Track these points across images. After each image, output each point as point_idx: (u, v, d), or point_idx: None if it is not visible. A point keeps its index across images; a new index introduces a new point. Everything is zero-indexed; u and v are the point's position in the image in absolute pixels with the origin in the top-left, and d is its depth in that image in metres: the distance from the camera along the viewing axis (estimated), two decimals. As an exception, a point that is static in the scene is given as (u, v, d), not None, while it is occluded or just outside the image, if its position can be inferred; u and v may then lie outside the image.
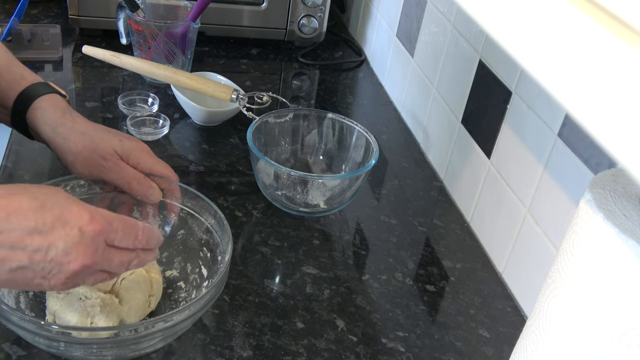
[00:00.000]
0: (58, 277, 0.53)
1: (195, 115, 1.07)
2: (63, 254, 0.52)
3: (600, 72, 0.26)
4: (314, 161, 1.01)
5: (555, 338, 0.52)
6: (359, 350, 0.73)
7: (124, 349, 0.62)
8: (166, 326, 0.61)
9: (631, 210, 0.48)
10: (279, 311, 0.76)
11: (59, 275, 0.53)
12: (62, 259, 0.52)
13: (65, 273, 0.53)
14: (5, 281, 0.52)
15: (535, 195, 0.80)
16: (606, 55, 0.26)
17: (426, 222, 0.96)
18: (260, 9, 1.31)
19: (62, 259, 0.52)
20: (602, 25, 0.26)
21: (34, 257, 0.51)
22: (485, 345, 0.76)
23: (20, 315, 0.59)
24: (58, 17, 1.32)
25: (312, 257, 0.85)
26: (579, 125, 0.28)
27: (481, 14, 0.35)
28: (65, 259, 0.52)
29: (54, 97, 0.76)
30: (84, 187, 0.76)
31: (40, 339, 0.60)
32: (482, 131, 0.93)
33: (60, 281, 0.53)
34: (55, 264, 0.52)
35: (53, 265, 0.52)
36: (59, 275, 0.52)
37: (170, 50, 1.15)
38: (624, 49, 0.25)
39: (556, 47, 0.29)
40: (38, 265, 0.51)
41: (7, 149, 0.94)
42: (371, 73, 1.36)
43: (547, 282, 0.54)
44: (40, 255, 0.51)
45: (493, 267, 0.89)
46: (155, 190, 0.75)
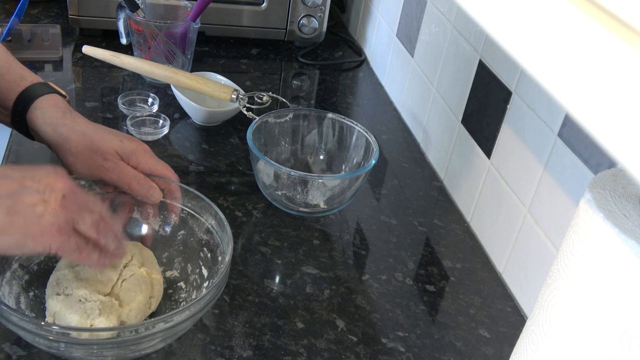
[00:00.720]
0: (55, 198, 0.55)
1: (195, 115, 1.07)
2: (46, 175, 0.56)
3: (600, 72, 0.26)
4: (314, 161, 1.01)
5: (555, 338, 0.52)
6: (359, 350, 0.73)
7: (124, 350, 0.62)
8: (166, 327, 0.61)
9: (631, 210, 0.48)
10: (279, 311, 0.76)
11: (55, 194, 0.55)
12: (47, 179, 0.56)
13: (59, 191, 0.56)
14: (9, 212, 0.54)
15: (535, 195, 0.80)
16: (606, 55, 0.26)
17: (426, 222, 0.96)
18: (260, 9, 1.31)
19: (48, 179, 0.56)
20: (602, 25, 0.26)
21: (24, 182, 0.55)
22: (485, 345, 0.76)
23: (21, 316, 0.59)
24: (58, 17, 1.32)
25: (312, 257, 0.85)
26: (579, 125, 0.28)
27: (481, 14, 0.35)
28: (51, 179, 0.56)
29: (54, 97, 0.76)
30: (84, 188, 0.76)
31: (40, 340, 0.59)
32: (482, 131, 0.93)
33: (59, 203, 0.56)
34: (45, 185, 0.55)
35: (44, 187, 0.55)
36: (54, 194, 0.55)
37: (170, 50, 1.15)
38: (624, 49, 0.25)
39: (556, 47, 0.29)
40: (31, 189, 0.55)
41: (7, 149, 0.94)
42: (371, 73, 1.36)
43: (547, 282, 0.54)
44: (28, 180, 0.55)
45: (493, 267, 0.89)
46: (156, 190, 0.75)
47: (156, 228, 0.79)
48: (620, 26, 0.26)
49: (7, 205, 0.53)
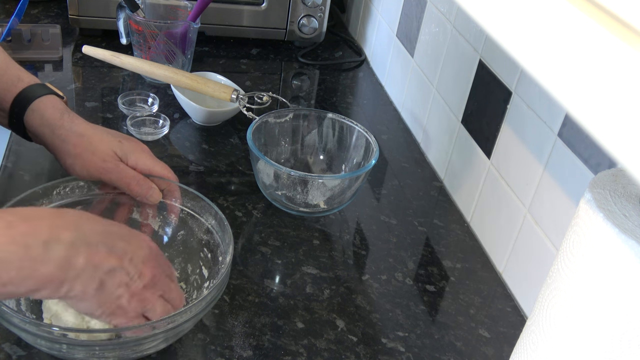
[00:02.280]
0: (137, 284, 0.59)
1: (195, 115, 1.07)
2: (142, 260, 0.59)
3: (600, 72, 0.26)
4: (314, 161, 1.01)
5: (555, 338, 0.52)
6: (359, 350, 0.73)
7: (126, 351, 0.62)
8: (168, 327, 0.61)
9: (631, 210, 0.48)
10: (279, 311, 0.76)
11: (138, 282, 0.59)
12: (140, 266, 0.59)
13: (142, 280, 0.59)
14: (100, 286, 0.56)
15: (535, 195, 0.80)
16: (606, 55, 0.26)
17: (426, 222, 0.96)
18: (260, 9, 1.31)
19: (142, 266, 0.59)
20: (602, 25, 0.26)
21: (123, 260, 0.58)
22: (485, 345, 0.76)
23: (22, 317, 0.59)
24: (58, 17, 1.32)
25: (312, 257, 0.85)
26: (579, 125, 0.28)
27: (481, 14, 0.35)
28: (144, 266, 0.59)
29: (51, 98, 0.75)
30: (83, 189, 0.76)
31: (42, 341, 0.59)
32: (482, 131, 0.93)
33: (138, 290, 0.59)
34: (136, 270, 0.59)
35: (135, 272, 0.58)
36: (138, 282, 0.59)
37: (170, 50, 1.15)
38: (624, 49, 0.25)
39: (556, 47, 0.29)
40: (125, 269, 0.57)
41: (7, 149, 0.94)
42: (371, 73, 1.36)
43: (547, 282, 0.54)
44: (127, 259, 0.58)
45: (493, 267, 0.89)
46: (155, 191, 0.75)
47: (155, 228, 0.79)
48: (620, 26, 0.26)
49: (100, 279, 0.56)
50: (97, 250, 0.56)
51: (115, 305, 0.58)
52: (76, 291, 0.55)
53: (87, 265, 0.54)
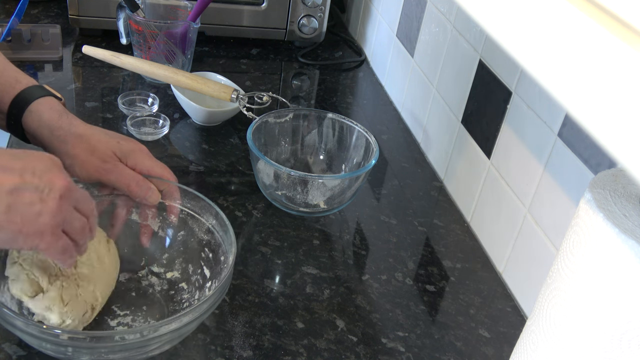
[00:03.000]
0: (53, 197, 0.56)
1: (195, 115, 1.07)
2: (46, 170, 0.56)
3: (600, 72, 0.26)
4: (314, 161, 1.01)
5: (555, 338, 0.52)
6: (359, 350, 0.73)
7: (131, 352, 0.62)
8: (173, 328, 0.61)
9: (631, 210, 0.48)
10: (279, 311, 0.76)
11: (53, 194, 0.56)
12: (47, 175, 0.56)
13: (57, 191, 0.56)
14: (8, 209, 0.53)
15: (535, 195, 0.80)
16: (606, 55, 0.26)
17: (426, 222, 0.96)
18: (260, 9, 1.31)
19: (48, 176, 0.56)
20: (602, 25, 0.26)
21: (24, 176, 0.54)
22: (485, 345, 0.76)
23: (26, 321, 0.59)
24: (58, 17, 1.32)
25: (312, 257, 0.85)
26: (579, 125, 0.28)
27: (481, 14, 0.35)
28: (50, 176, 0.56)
29: (49, 99, 0.75)
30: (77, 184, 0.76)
31: (47, 344, 0.59)
32: (482, 131, 0.93)
33: (56, 203, 0.56)
34: (45, 182, 0.55)
35: (44, 184, 0.55)
36: (52, 194, 0.56)
37: (170, 50, 1.15)
38: (624, 49, 0.25)
39: (556, 47, 0.29)
40: (31, 185, 0.55)
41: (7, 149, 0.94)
42: (371, 73, 1.36)
43: (547, 282, 0.54)
44: (29, 175, 0.55)
45: (493, 267, 0.89)
46: (154, 191, 0.75)
47: (155, 229, 0.79)
48: (620, 26, 0.26)
49: (6, 202, 0.53)
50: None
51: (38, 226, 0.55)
52: None
53: None
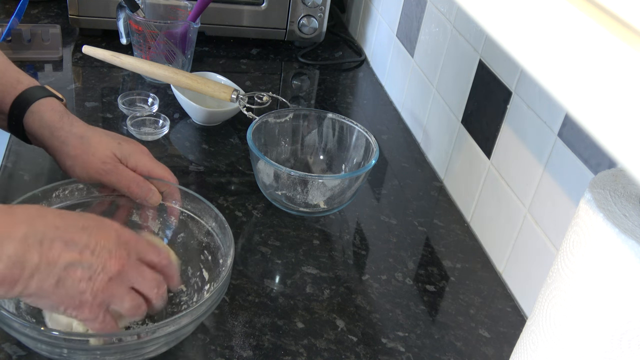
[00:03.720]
0: (101, 277, 0.57)
1: (195, 115, 1.07)
2: (107, 251, 0.57)
3: (600, 72, 0.26)
4: (314, 161, 1.01)
5: (555, 338, 0.52)
6: (359, 350, 0.73)
7: (127, 355, 0.62)
8: (169, 331, 0.61)
9: (631, 210, 0.48)
10: (279, 311, 0.76)
11: (102, 275, 0.57)
12: (105, 257, 0.57)
13: (107, 273, 0.57)
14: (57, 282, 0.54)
15: (535, 195, 0.80)
16: (606, 55, 0.26)
17: (426, 222, 0.96)
18: (260, 9, 1.31)
19: (105, 258, 0.57)
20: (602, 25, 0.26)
21: (83, 253, 0.56)
22: (485, 345, 0.76)
23: (22, 322, 0.59)
24: (58, 17, 1.32)
25: (312, 257, 0.85)
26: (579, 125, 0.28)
27: (481, 14, 0.35)
28: (107, 258, 0.57)
29: (51, 100, 0.75)
30: (82, 191, 0.76)
31: (42, 346, 0.59)
32: (482, 131, 0.93)
33: (103, 284, 0.57)
34: (100, 262, 0.56)
35: (98, 264, 0.56)
36: (102, 275, 0.57)
37: (170, 50, 1.15)
38: (624, 49, 0.25)
39: (556, 47, 0.29)
40: (86, 263, 0.55)
41: (7, 149, 0.94)
42: (371, 73, 1.36)
43: (547, 282, 0.54)
44: (88, 252, 0.56)
45: (493, 267, 0.89)
46: (155, 193, 0.75)
47: (155, 231, 0.79)
48: (620, 26, 0.26)
49: (58, 276, 0.54)
50: (51, 246, 0.54)
51: (78, 300, 0.56)
52: (32, 289, 0.53)
53: (42, 262, 0.53)
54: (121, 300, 0.59)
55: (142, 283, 0.61)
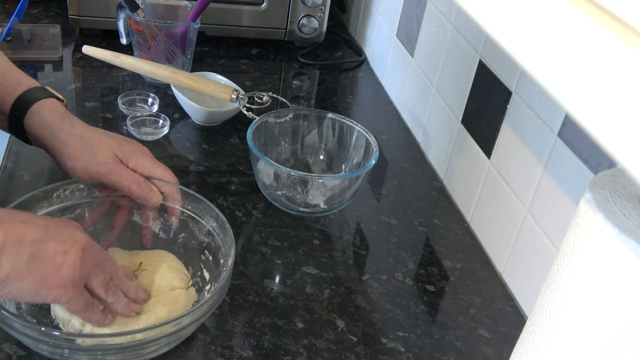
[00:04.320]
0: (75, 250, 0.57)
1: (195, 115, 1.07)
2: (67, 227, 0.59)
3: (600, 72, 0.26)
4: (314, 161, 1.01)
5: (555, 338, 0.52)
6: (359, 350, 0.73)
7: (128, 355, 0.62)
8: (171, 331, 0.61)
9: (631, 210, 0.48)
10: (279, 311, 0.76)
11: (76, 248, 0.57)
12: (70, 230, 0.58)
13: (80, 245, 0.57)
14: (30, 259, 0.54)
15: (535, 195, 0.80)
16: (606, 55, 0.26)
17: (426, 222, 0.96)
18: (260, 9, 1.31)
19: (70, 231, 0.58)
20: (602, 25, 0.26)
21: (48, 230, 0.56)
22: (485, 345, 0.76)
23: (23, 322, 0.59)
24: (58, 17, 1.32)
25: (312, 257, 0.85)
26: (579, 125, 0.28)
27: (481, 14, 0.35)
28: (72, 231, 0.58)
29: (51, 101, 0.75)
30: (83, 191, 0.76)
31: (43, 346, 0.59)
32: (482, 131, 0.93)
33: (78, 256, 0.57)
34: (68, 236, 0.57)
35: (67, 237, 0.57)
36: (75, 248, 0.57)
37: (170, 50, 1.15)
38: (624, 49, 0.25)
39: (556, 47, 0.29)
40: (54, 237, 0.56)
41: (7, 149, 0.94)
42: (371, 73, 1.36)
43: (547, 282, 0.54)
44: (52, 228, 0.57)
45: (493, 267, 0.89)
46: (156, 193, 0.75)
47: (156, 231, 0.79)
48: (620, 26, 0.26)
49: (29, 252, 0.54)
50: (13, 226, 0.54)
51: (59, 277, 0.56)
52: (5, 269, 0.53)
53: (7, 238, 0.53)
54: (95, 274, 0.60)
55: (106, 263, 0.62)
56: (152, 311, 0.67)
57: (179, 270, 0.73)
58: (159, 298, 0.69)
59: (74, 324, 0.65)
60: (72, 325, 0.65)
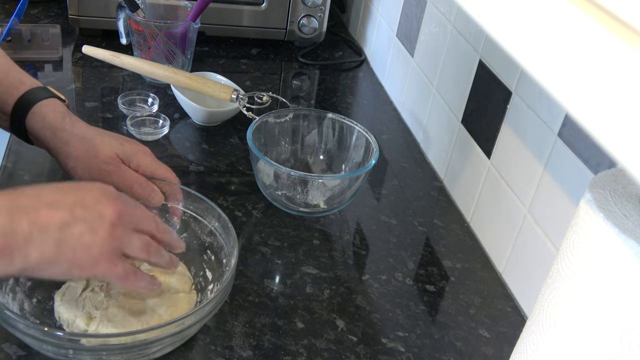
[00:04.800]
0: (103, 227, 0.56)
1: (195, 115, 1.07)
2: (96, 201, 0.57)
3: (600, 72, 0.26)
4: (314, 161, 1.01)
5: (555, 338, 0.52)
6: (359, 350, 0.73)
7: (132, 355, 0.62)
8: (174, 331, 0.61)
9: (631, 210, 0.48)
10: (279, 311, 0.76)
11: (103, 224, 0.56)
12: (98, 206, 0.56)
13: (107, 220, 0.56)
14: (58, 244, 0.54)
15: (535, 195, 0.80)
16: (606, 55, 0.26)
17: (426, 222, 0.96)
18: (260, 9, 1.31)
19: (98, 207, 0.56)
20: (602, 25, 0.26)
21: (74, 210, 0.55)
22: (485, 345, 0.76)
23: (27, 323, 0.59)
24: (58, 17, 1.32)
25: (312, 257, 0.85)
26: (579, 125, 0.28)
27: (481, 14, 0.35)
28: (101, 206, 0.56)
29: (53, 101, 0.75)
30: None
31: (47, 346, 0.59)
32: (482, 131, 0.93)
33: (107, 232, 0.56)
34: (95, 213, 0.56)
35: (94, 215, 0.55)
36: (103, 224, 0.56)
37: (170, 50, 1.15)
38: (624, 49, 0.25)
39: (556, 47, 0.29)
40: (80, 218, 0.55)
41: (7, 149, 0.94)
42: (371, 73, 1.36)
43: (547, 282, 0.54)
44: (78, 208, 0.55)
45: (493, 267, 0.89)
46: (157, 193, 0.75)
47: None
48: (620, 26, 0.26)
49: (56, 237, 0.54)
50: (38, 214, 0.53)
51: (91, 256, 0.55)
52: (34, 257, 0.52)
53: (33, 229, 0.52)
54: (130, 242, 0.58)
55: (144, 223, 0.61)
56: (155, 312, 0.67)
57: (182, 273, 0.74)
58: (162, 300, 0.69)
59: (79, 325, 0.65)
60: (76, 326, 0.65)
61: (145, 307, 0.68)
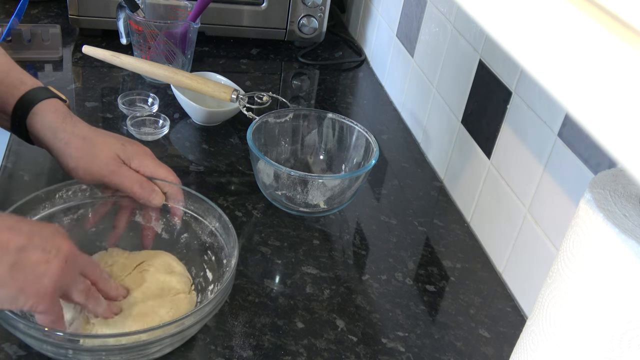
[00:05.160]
0: (57, 260, 0.56)
1: (195, 115, 1.07)
2: (52, 235, 0.58)
3: (600, 72, 0.26)
4: (314, 161, 1.01)
5: (555, 338, 0.52)
6: (359, 350, 0.73)
7: (132, 355, 0.62)
8: (174, 332, 0.61)
9: (631, 210, 0.48)
10: (279, 311, 0.76)
11: (58, 258, 0.57)
12: (54, 239, 0.58)
13: (62, 255, 0.57)
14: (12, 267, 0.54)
15: (535, 195, 0.80)
16: (606, 55, 0.26)
17: (426, 222, 0.96)
18: (260, 9, 1.31)
19: (54, 239, 0.57)
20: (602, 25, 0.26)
21: (32, 238, 0.56)
22: (485, 345, 0.76)
23: (27, 323, 0.59)
24: (58, 17, 1.32)
25: (312, 257, 0.85)
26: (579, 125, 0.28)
27: (481, 14, 0.35)
28: (57, 240, 0.58)
29: (54, 101, 0.75)
30: (86, 192, 0.76)
31: (47, 346, 0.59)
32: (482, 131, 0.93)
33: (60, 267, 0.57)
34: (52, 244, 0.57)
35: (51, 246, 0.56)
36: (57, 258, 0.57)
37: (170, 50, 1.15)
38: (624, 49, 0.25)
39: (556, 47, 0.29)
40: (39, 246, 0.56)
41: (7, 149, 0.94)
42: (371, 73, 1.36)
43: (547, 282, 0.54)
44: (36, 237, 0.56)
45: (493, 267, 0.89)
46: (158, 194, 0.75)
47: (159, 231, 0.79)
48: (620, 26, 0.26)
49: (12, 260, 0.54)
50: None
51: (39, 287, 0.56)
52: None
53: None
54: (75, 283, 0.60)
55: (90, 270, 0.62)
56: (156, 313, 0.67)
57: (182, 274, 0.74)
58: (163, 301, 0.69)
59: (78, 325, 0.65)
60: (75, 327, 0.65)
61: (146, 308, 0.68)
